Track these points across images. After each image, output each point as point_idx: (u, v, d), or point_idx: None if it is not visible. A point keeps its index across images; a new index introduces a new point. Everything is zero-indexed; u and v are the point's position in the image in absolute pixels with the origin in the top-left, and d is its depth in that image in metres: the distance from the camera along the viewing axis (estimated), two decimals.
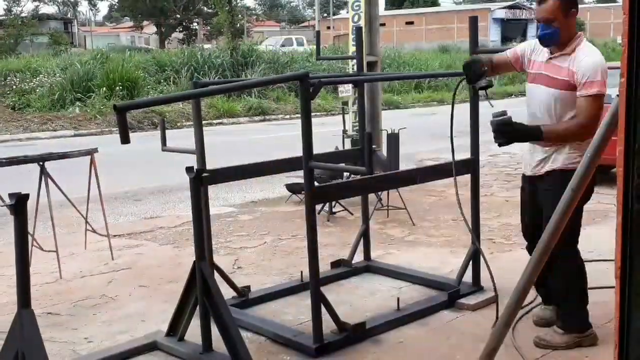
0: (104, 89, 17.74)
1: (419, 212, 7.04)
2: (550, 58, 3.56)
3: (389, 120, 9.83)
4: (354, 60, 5.98)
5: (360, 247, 5.16)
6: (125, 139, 2.96)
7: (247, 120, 18.43)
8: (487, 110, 3.63)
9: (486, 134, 3.85)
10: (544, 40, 3.52)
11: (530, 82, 3.68)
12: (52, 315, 4.27)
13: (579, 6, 3.62)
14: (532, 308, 4.23)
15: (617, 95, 1.68)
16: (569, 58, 3.48)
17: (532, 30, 49.33)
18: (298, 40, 37.68)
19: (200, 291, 3.43)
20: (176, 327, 3.75)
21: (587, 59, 3.42)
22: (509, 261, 5.26)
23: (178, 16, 51.50)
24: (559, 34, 3.46)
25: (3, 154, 8.91)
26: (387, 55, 26.23)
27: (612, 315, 1.84)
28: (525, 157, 3.77)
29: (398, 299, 4.23)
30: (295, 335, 3.81)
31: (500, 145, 3.43)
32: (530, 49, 3.71)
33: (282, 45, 31.10)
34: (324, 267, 4.93)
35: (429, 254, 5.58)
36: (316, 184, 4.00)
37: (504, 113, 3.37)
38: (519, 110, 4.14)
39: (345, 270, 5.02)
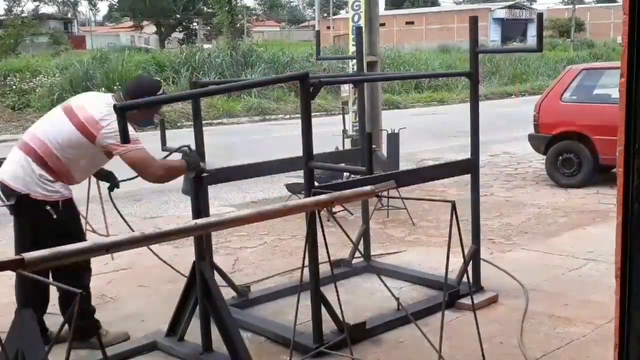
0: (104, 89, 17.73)
1: (419, 212, 7.03)
2: None
3: (389, 120, 9.81)
4: (354, 60, 5.98)
5: (360, 247, 5.16)
6: (125, 139, 2.97)
7: (247, 120, 18.42)
8: (488, 109, 3.62)
9: (486, 134, 3.85)
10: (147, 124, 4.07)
11: None
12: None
13: (580, 6, 3.64)
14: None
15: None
16: None
17: (532, 30, 49.32)
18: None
19: (200, 291, 3.42)
20: (176, 327, 3.75)
21: None
22: (509, 261, 5.27)
23: (178, 16, 51.50)
24: None
25: (3, 154, 8.89)
26: (387, 55, 26.21)
27: (612, 315, 1.83)
28: None
29: (398, 299, 4.22)
30: (295, 335, 3.81)
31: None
32: None
33: None
34: (324, 267, 4.93)
35: (429, 254, 5.58)
36: (316, 183, 4.00)
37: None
38: (518, 110, 4.13)
39: (345, 270, 5.01)
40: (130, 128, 3.35)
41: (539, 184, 8.66)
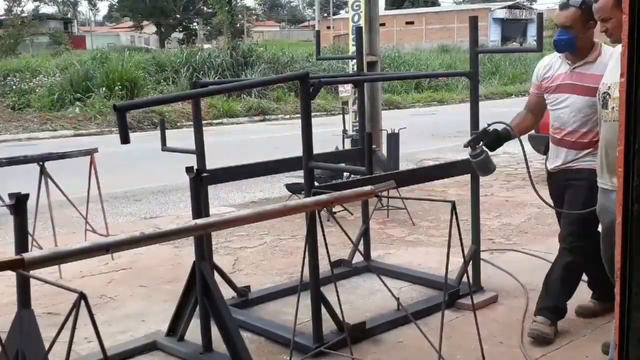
0: (104, 88, 17.74)
1: (419, 212, 7.03)
2: (574, 67, 3.67)
3: (389, 120, 9.81)
4: (354, 60, 5.98)
5: (360, 247, 5.16)
6: (125, 139, 2.96)
7: (247, 120, 18.42)
8: (488, 110, 3.63)
9: None
10: (558, 44, 3.62)
11: (554, 93, 3.78)
12: (52, 315, 4.26)
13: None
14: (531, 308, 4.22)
15: None
16: (592, 66, 3.60)
17: (532, 30, 49.27)
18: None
19: (200, 291, 3.42)
20: (176, 327, 3.75)
21: None
22: (510, 261, 5.26)
23: (178, 16, 51.52)
24: (575, 41, 3.57)
25: (3, 154, 8.90)
26: (387, 55, 26.22)
27: (612, 315, 1.83)
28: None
29: (398, 299, 4.22)
30: (295, 335, 3.81)
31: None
32: (542, 71, 3.89)
33: None
34: (324, 267, 4.93)
35: (429, 254, 5.58)
36: (316, 183, 4.00)
37: (479, 154, 3.77)
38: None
39: (345, 270, 5.01)
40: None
41: (539, 184, 8.60)
